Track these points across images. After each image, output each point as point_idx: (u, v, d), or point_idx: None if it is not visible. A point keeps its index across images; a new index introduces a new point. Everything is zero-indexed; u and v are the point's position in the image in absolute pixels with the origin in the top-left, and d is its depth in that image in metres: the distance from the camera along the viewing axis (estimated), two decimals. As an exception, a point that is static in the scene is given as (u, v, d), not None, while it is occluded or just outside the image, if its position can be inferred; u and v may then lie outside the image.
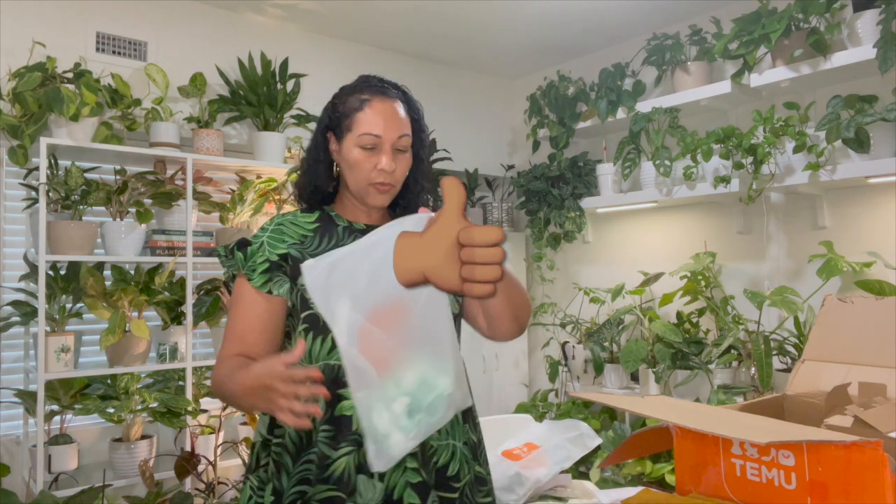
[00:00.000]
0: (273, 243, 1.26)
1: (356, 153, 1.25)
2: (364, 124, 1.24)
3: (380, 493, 1.17)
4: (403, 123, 1.26)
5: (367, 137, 1.23)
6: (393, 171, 1.25)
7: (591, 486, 2.48)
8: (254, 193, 2.68)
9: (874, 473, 0.82)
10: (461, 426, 1.27)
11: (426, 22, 3.07)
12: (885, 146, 2.18)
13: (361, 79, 1.32)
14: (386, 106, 1.26)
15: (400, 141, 1.25)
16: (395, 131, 1.25)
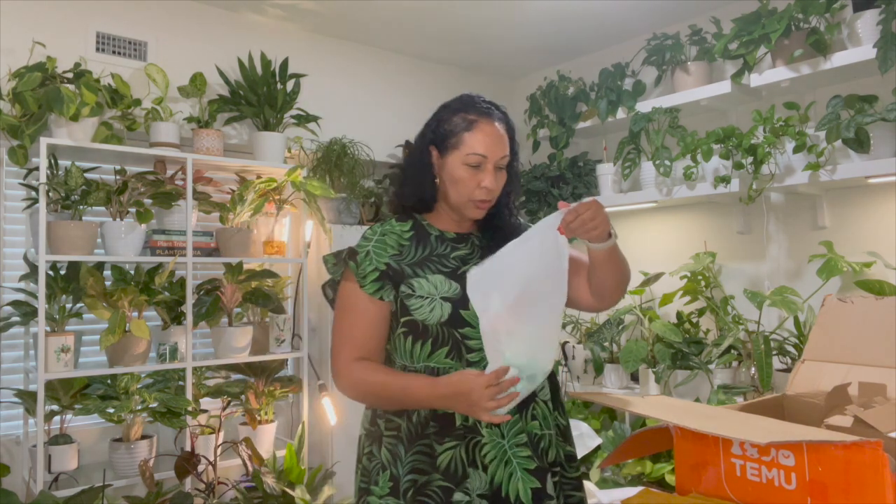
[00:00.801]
0: (378, 252, 1.38)
1: (462, 171, 1.35)
2: (472, 144, 1.34)
3: (485, 483, 1.28)
4: (505, 144, 1.37)
5: (474, 157, 1.34)
6: (493, 190, 1.36)
7: (591, 486, 2.48)
8: (254, 193, 2.68)
9: (874, 473, 0.82)
10: (553, 413, 1.39)
11: (426, 22, 3.07)
12: (885, 146, 2.18)
13: (466, 98, 1.41)
14: (492, 128, 1.36)
15: (502, 160, 1.36)
16: (499, 152, 1.35)
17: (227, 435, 2.68)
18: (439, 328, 1.33)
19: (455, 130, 1.36)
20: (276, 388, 2.76)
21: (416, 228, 1.43)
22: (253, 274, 2.68)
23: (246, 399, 2.70)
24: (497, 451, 1.30)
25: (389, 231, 1.41)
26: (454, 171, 1.36)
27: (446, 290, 1.33)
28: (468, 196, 1.36)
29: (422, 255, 1.38)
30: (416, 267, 1.36)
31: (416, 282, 1.34)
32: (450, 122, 1.38)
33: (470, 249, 1.42)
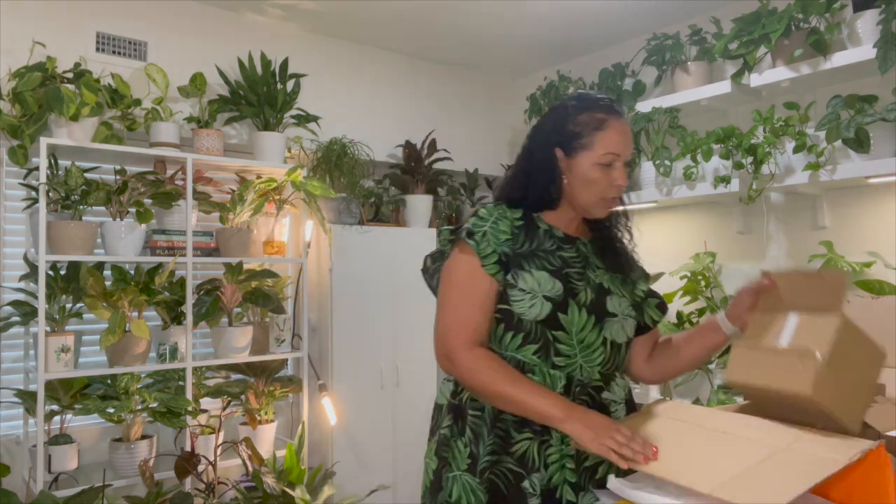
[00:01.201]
0: (495, 234, 1.35)
1: (595, 171, 1.34)
2: (606, 144, 1.34)
3: (545, 481, 1.28)
4: (631, 145, 1.38)
5: (610, 156, 1.34)
6: (623, 187, 1.36)
7: (591, 486, 2.48)
8: (254, 193, 2.68)
9: (877, 473, 0.82)
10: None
11: (426, 22, 3.06)
12: (885, 146, 2.18)
13: (586, 97, 1.40)
14: (622, 125, 1.36)
15: (628, 159, 1.37)
16: (629, 149, 1.37)
17: (227, 435, 2.68)
18: (534, 325, 1.32)
19: (585, 132, 1.35)
20: (276, 388, 2.76)
21: (527, 218, 1.41)
22: (253, 274, 2.68)
23: (246, 399, 2.70)
24: (560, 455, 1.30)
25: (503, 216, 1.38)
26: (587, 172, 1.35)
27: (549, 288, 1.32)
28: (600, 195, 1.36)
29: (530, 248, 1.36)
30: (524, 259, 1.35)
31: (522, 274, 1.33)
32: (577, 123, 1.36)
33: (576, 253, 1.40)
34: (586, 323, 1.33)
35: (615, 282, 1.41)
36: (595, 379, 1.34)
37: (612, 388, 1.37)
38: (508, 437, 1.31)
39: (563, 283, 1.33)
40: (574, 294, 1.33)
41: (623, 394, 1.40)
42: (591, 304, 1.34)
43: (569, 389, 1.32)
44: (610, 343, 1.36)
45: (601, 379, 1.35)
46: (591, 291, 1.35)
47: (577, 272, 1.36)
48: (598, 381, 1.35)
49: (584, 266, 1.38)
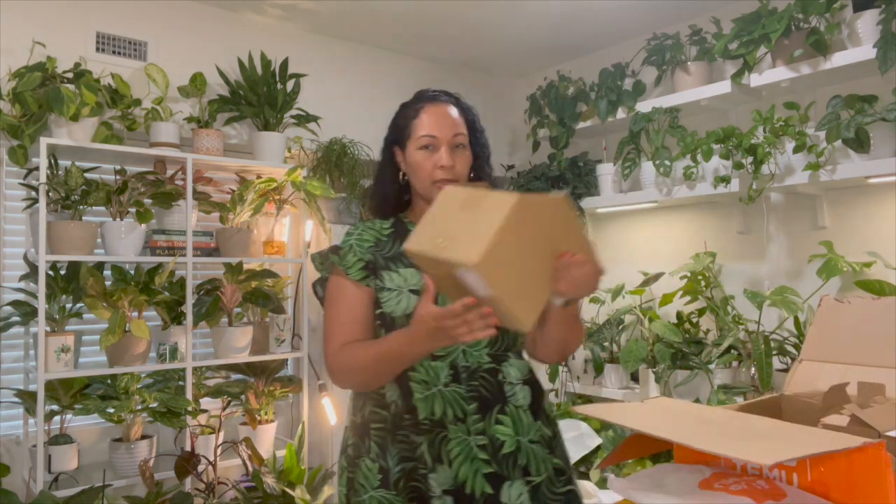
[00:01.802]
0: (360, 245, 1.40)
1: (417, 155, 1.38)
2: (421, 127, 1.38)
3: (450, 478, 1.27)
4: (457, 123, 1.40)
5: (425, 138, 1.37)
6: (452, 167, 1.36)
7: (591, 486, 2.48)
8: (254, 193, 2.68)
9: (877, 473, 0.82)
10: (532, 423, 1.35)
11: (426, 22, 3.06)
12: (885, 146, 2.18)
13: (417, 93, 1.46)
14: (438, 109, 1.40)
15: (455, 139, 1.38)
16: (448, 130, 1.38)
17: (227, 435, 2.68)
18: (405, 321, 1.30)
19: (406, 123, 1.41)
20: (276, 388, 2.76)
21: (397, 226, 1.45)
22: (253, 274, 2.68)
23: (246, 399, 2.70)
24: (462, 447, 1.29)
25: (370, 228, 1.44)
26: (412, 159, 1.39)
27: (415, 282, 1.33)
28: (429, 178, 1.37)
29: (397, 250, 1.38)
30: (391, 261, 1.38)
31: (388, 274, 1.36)
32: (403, 118, 1.43)
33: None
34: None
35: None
36: (485, 362, 1.34)
37: (505, 369, 1.36)
38: (411, 442, 1.30)
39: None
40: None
41: (520, 374, 1.37)
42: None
43: (457, 377, 1.32)
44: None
45: (492, 361, 1.35)
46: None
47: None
48: (490, 364, 1.34)
49: None
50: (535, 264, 1.09)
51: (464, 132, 1.41)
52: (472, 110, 1.48)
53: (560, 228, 1.13)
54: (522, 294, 1.07)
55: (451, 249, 1.05)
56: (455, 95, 1.46)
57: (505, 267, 1.03)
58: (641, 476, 1.09)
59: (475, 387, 1.32)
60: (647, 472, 1.07)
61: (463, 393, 1.31)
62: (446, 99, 1.43)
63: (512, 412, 1.33)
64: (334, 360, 1.34)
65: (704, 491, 0.94)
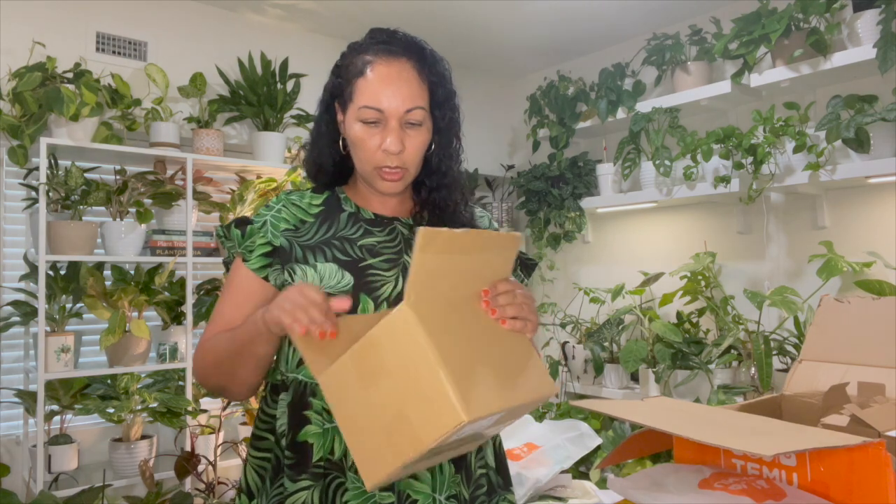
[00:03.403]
0: (276, 224, 1.10)
1: (357, 129, 1.04)
2: (364, 94, 1.02)
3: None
4: (415, 93, 1.03)
5: (368, 111, 1.02)
6: (401, 152, 1.03)
7: (591, 486, 2.48)
8: (254, 193, 2.68)
9: (877, 473, 0.82)
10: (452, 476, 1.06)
11: (426, 22, 3.06)
12: (885, 146, 2.18)
13: (371, 33, 1.09)
14: (391, 69, 1.02)
15: (410, 115, 1.03)
16: (402, 103, 1.02)
17: (227, 435, 2.68)
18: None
19: (350, 77, 1.05)
20: (276, 388, 2.76)
21: (329, 203, 1.14)
22: (253, 274, 2.68)
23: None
24: (364, 499, 1.01)
25: (294, 203, 1.13)
26: (350, 131, 1.05)
27: (333, 283, 1.04)
28: (371, 163, 1.05)
29: (321, 237, 1.09)
30: (310, 250, 1.08)
31: (301, 269, 1.06)
32: (347, 69, 1.06)
33: (388, 237, 1.11)
34: None
35: None
36: None
37: None
38: (282, 492, 1.03)
39: (357, 276, 1.05)
40: (372, 288, 1.05)
41: None
42: (399, 298, 1.03)
43: None
44: None
45: None
46: (403, 283, 1.06)
47: (386, 260, 1.08)
48: None
49: (400, 252, 1.10)
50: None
51: (422, 105, 1.04)
52: (440, 66, 1.09)
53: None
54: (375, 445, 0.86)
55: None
56: (420, 43, 1.08)
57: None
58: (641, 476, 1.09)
59: None
60: (647, 472, 1.07)
61: None
62: (404, 53, 1.04)
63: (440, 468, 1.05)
64: (195, 353, 1.10)
65: (704, 490, 0.94)
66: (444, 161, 1.11)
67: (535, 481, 2.20)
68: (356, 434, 0.85)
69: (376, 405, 0.83)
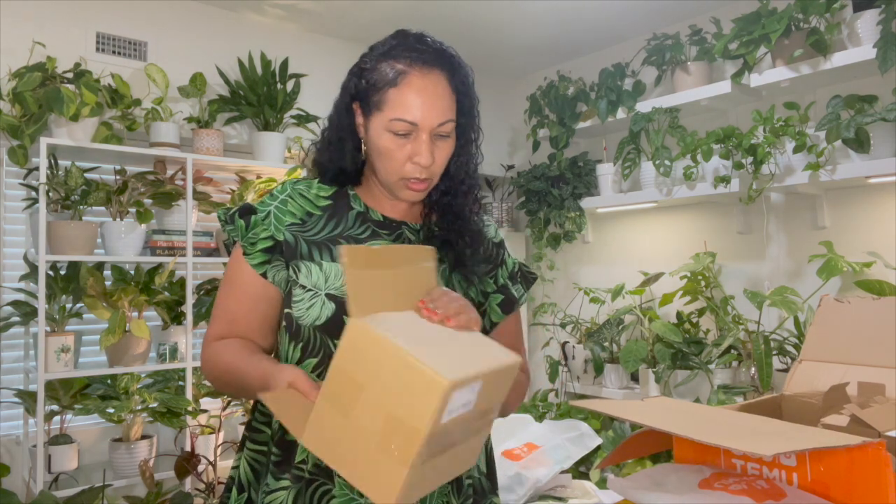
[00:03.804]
0: (280, 217, 1.07)
1: (386, 140, 1.02)
2: (397, 107, 1.00)
3: None
4: (447, 105, 1.02)
5: (401, 124, 1.00)
6: (430, 166, 1.03)
7: (591, 486, 2.48)
8: (254, 193, 2.68)
9: (877, 473, 0.82)
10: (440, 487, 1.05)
11: (426, 22, 3.06)
12: (885, 146, 2.18)
13: (399, 37, 1.06)
14: (426, 82, 1.00)
15: (442, 128, 1.02)
16: (436, 117, 1.01)
17: (227, 435, 2.68)
18: (311, 332, 1.02)
19: (378, 84, 1.01)
20: (276, 388, 2.76)
21: (337, 198, 1.11)
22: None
23: (246, 399, 2.70)
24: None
25: (302, 193, 1.10)
26: (378, 140, 1.02)
27: (338, 284, 1.03)
28: (397, 173, 1.03)
29: (328, 234, 1.07)
30: (316, 247, 1.06)
31: (306, 266, 1.04)
32: (374, 73, 1.03)
33: (395, 242, 1.11)
34: None
35: (454, 278, 1.11)
36: None
37: None
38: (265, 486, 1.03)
39: None
40: None
41: None
42: None
43: None
44: None
45: None
46: None
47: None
48: None
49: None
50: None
51: (453, 117, 1.04)
52: (467, 75, 1.07)
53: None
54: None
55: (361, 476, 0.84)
56: (449, 52, 1.06)
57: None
58: (641, 476, 1.09)
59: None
60: (647, 472, 1.07)
61: None
62: (436, 63, 1.03)
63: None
64: (203, 353, 1.08)
65: (704, 490, 0.94)
66: (461, 167, 1.11)
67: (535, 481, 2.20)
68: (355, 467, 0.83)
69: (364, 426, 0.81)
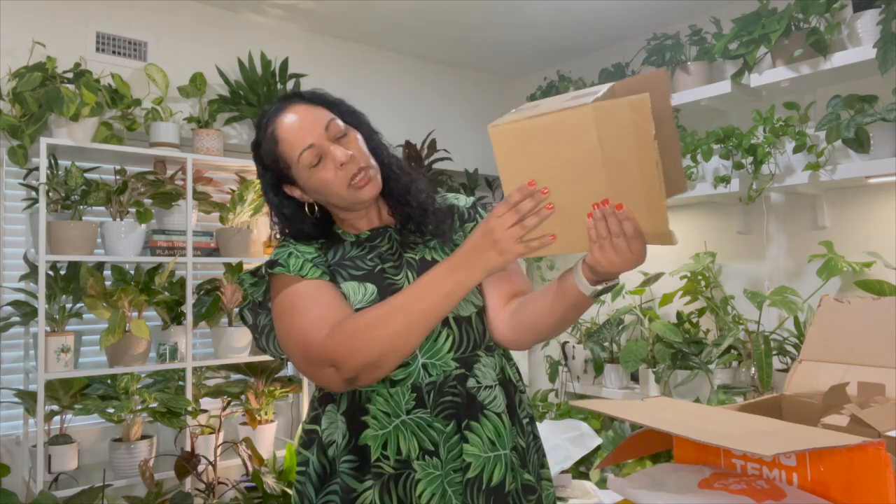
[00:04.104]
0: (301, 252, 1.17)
1: (314, 177, 1.14)
2: (292, 148, 1.13)
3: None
4: (319, 114, 1.16)
5: (305, 154, 1.12)
6: (352, 156, 1.13)
7: (591, 486, 2.48)
8: (254, 193, 2.68)
9: (876, 473, 0.82)
10: (510, 429, 1.16)
11: (426, 22, 3.06)
12: (885, 146, 2.18)
13: (256, 122, 1.22)
14: (289, 114, 1.15)
15: (330, 132, 1.14)
16: (318, 125, 1.14)
17: (227, 435, 2.68)
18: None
19: (274, 158, 1.15)
20: (276, 388, 2.76)
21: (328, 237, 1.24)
22: (253, 274, 2.68)
23: (246, 399, 2.70)
24: (435, 489, 1.09)
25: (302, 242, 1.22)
26: (311, 184, 1.14)
27: (360, 297, 1.13)
28: (342, 186, 1.13)
29: (334, 260, 1.19)
30: (338, 268, 1.18)
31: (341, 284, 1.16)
32: (267, 155, 1.17)
33: (389, 244, 1.22)
34: None
35: (439, 247, 1.22)
36: (452, 369, 1.13)
37: (477, 372, 1.16)
38: (350, 493, 1.09)
39: (377, 283, 1.15)
40: (394, 290, 1.13)
41: (494, 374, 1.18)
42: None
43: (421, 400, 1.12)
44: (453, 320, 1.15)
45: (460, 366, 1.15)
46: (412, 274, 1.17)
47: (394, 263, 1.19)
48: (458, 370, 1.14)
49: (400, 254, 1.20)
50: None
51: (331, 116, 1.16)
52: (328, 96, 1.23)
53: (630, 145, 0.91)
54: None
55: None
56: (298, 92, 1.21)
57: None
58: (641, 476, 1.09)
59: (447, 403, 1.13)
60: (647, 472, 1.07)
61: (429, 418, 1.11)
62: (290, 101, 1.18)
63: (493, 421, 1.15)
64: (330, 342, 1.04)
65: (704, 490, 0.94)
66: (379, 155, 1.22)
67: (535, 481, 2.19)
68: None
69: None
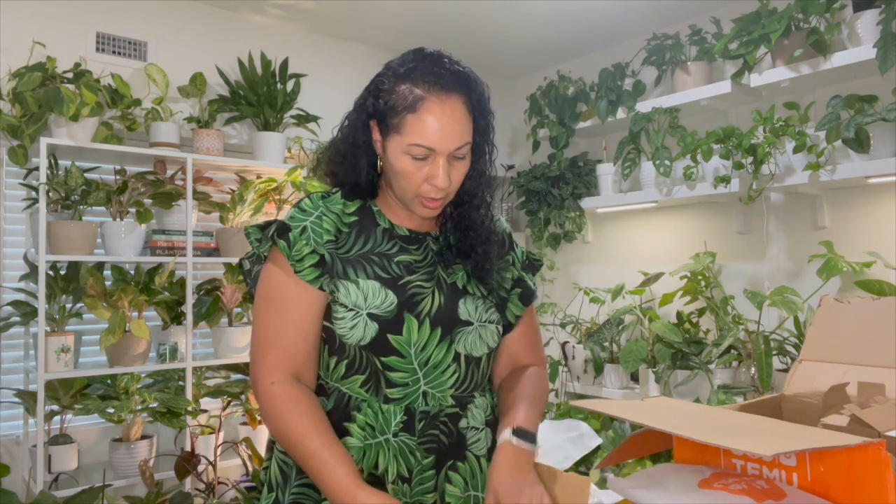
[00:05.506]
0: (319, 232, 1.08)
1: (404, 162, 1.04)
2: (416, 133, 1.02)
3: None
4: (465, 129, 1.05)
5: (419, 149, 1.02)
6: (447, 186, 1.05)
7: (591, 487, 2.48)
8: (254, 193, 2.68)
9: (876, 473, 0.82)
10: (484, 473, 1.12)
11: (426, 22, 3.06)
12: (885, 146, 2.18)
13: (417, 58, 1.05)
14: (444, 109, 1.02)
15: (458, 151, 1.05)
16: (453, 142, 1.03)
17: (227, 435, 2.68)
18: (357, 350, 1.06)
19: (396, 108, 1.03)
20: (276, 388, 2.76)
21: (363, 213, 1.13)
22: (253, 274, 2.68)
23: (246, 399, 2.70)
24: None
25: (331, 209, 1.11)
26: (396, 162, 1.05)
27: (378, 303, 1.06)
28: (414, 192, 1.06)
29: (360, 251, 1.09)
30: (350, 265, 1.08)
31: (345, 285, 1.06)
32: (393, 93, 1.04)
33: (423, 255, 1.14)
34: (430, 339, 1.08)
35: (474, 280, 1.15)
36: (448, 406, 1.09)
37: (469, 413, 1.12)
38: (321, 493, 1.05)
39: (399, 294, 1.07)
40: (413, 305, 1.07)
41: (483, 416, 1.14)
42: (439, 312, 1.09)
43: (411, 425, 1.07)
44: (464, 358, 1.10)
45: (456, 404, 1.10)
46: (439, 296, 1.10)
47: (423, 276, 1.11)
48: (453, 408, 1.10)
49: (434, 265, 1.13)
50: None
51: (470, 139, 1.07)
52: (484, 94, 1.11)
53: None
54: None
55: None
56: (467, 74, 1.07)
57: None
58: (641, 476, 1.09)
59: (433, 436, 1.08)
60: (647, 472, 1.07)
61: (413, 445, 1.07)
62: (455, 87, 1.04)
63: (471, 462, 1.12)
64: (265, 396, 1.04)
65: (704, 490, 0.94)
66: (475, 182, 1.13)
67: (535, 481, 2.19)
68: None
69: None
